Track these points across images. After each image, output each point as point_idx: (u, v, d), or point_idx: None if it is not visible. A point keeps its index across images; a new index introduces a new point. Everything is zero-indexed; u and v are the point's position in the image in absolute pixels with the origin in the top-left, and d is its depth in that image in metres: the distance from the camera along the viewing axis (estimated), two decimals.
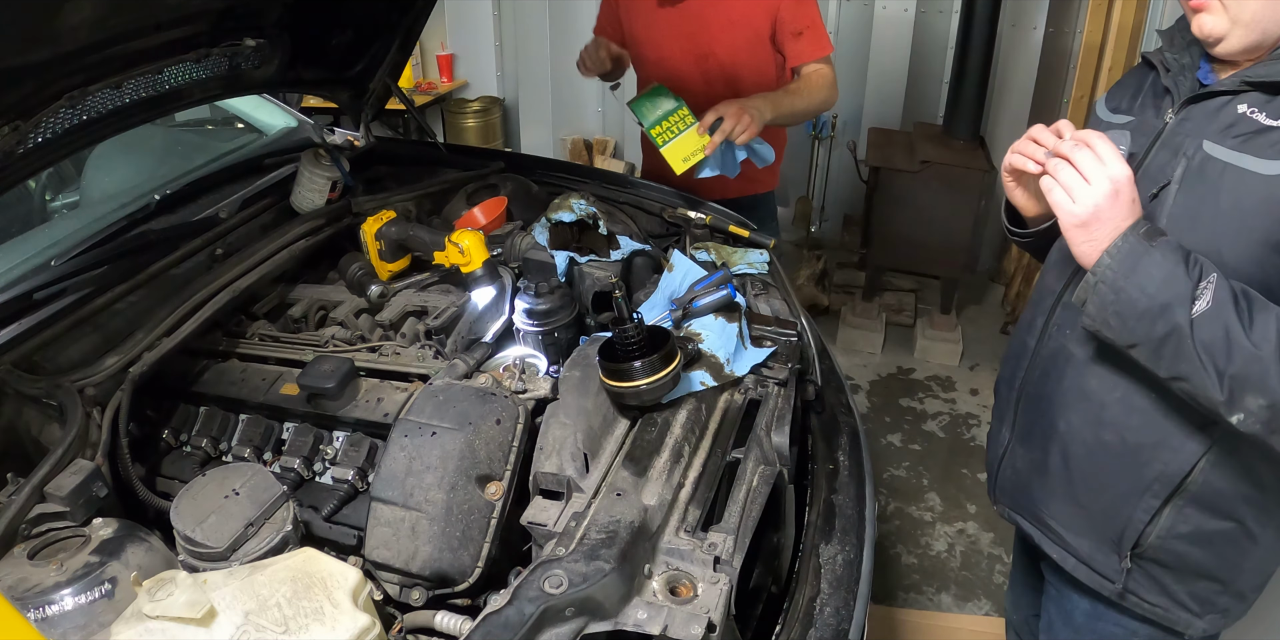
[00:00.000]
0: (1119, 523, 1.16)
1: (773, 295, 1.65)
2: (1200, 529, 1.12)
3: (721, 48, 2.11)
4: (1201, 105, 1.06)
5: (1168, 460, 1.10)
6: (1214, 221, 1.01)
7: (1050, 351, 1.22)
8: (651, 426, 1.23)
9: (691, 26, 2.10)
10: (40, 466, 1.09)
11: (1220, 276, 0.95)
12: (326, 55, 1.86)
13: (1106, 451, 1.16)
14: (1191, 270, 0.95)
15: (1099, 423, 1.15)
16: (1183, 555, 1.15)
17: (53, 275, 1.49)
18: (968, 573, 2.57)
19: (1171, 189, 1.05)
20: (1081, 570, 1.24)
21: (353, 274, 1.66)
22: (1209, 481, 1.09)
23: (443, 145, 2.22)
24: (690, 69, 2.13)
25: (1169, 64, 1.14)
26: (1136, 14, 3.18)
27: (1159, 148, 1.10)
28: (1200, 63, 1.12)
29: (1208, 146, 1.03)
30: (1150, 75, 1.19)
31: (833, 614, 1.13)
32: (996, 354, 3.57)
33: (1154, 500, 1.12)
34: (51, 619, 0.93)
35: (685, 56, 2.14)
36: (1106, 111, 1.23)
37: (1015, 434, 1.32)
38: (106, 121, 1.42)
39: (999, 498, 1.39)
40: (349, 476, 1.28)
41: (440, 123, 4.72)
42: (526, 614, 0.91)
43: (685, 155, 1.81)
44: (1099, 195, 0.96)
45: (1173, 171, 1.06)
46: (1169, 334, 0.95)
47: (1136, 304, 0.96)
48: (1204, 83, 1.10)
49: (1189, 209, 1.04)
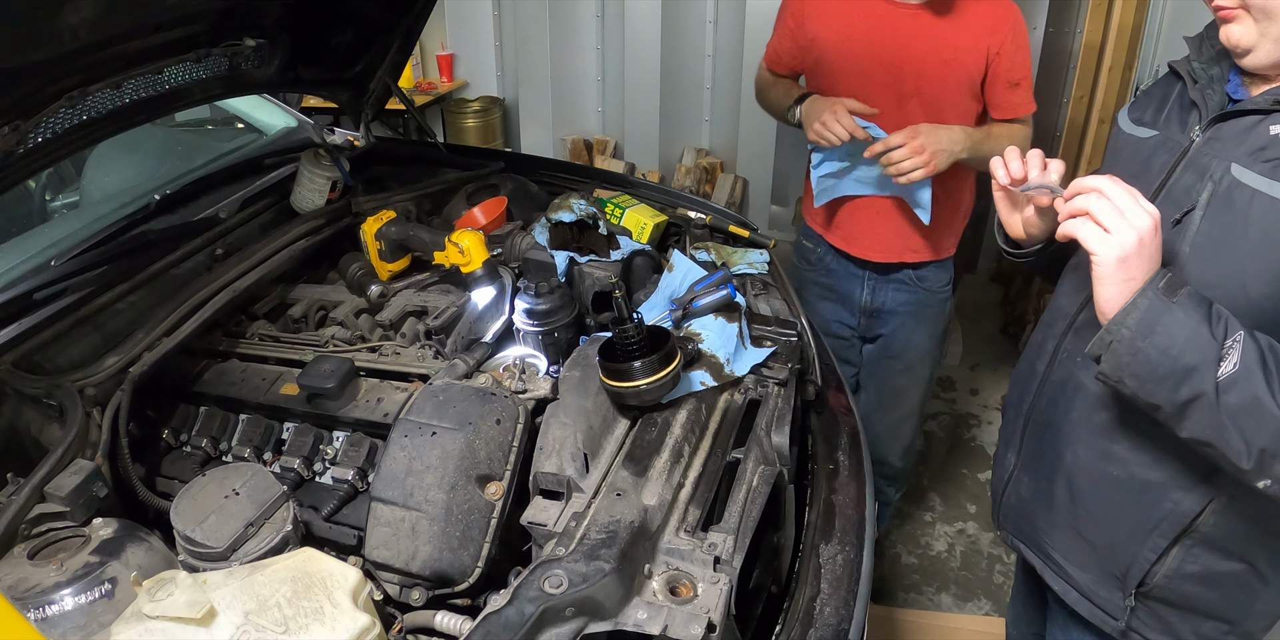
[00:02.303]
0: (1124, 560, 1.12)
1: (773, 295, 1.65)
2: (1209, 570, 1.07)
3: (929, 89, 1.81)
4: (1231, 124, 0.99)
5: (1178, 500, 1.05)
6: (1240, 252, 0.94)
7: (1059, 379, 1.16)
8: (651, 426, 1.23)
9: (898, 63, 1.80)
10: (40, 466, 1.09)
11: (1246, 334, 0.88)
12: (326, 55, 1.86)
13: (1114, 486, 1.10)
14: (1216, 328, 0.88)
15: (1107, 457, 1.10)
16: (1190, 595, 1.10)
17: (53, 275, 1.49)
18: (968, 573, 2.57)
19: (1196, 215, 0.98)
20: (1084, 605, 1.19)
21: (353, 274, 1.66)
22: (1220, 523, 1.04)
23: (443, 145, 2.22)
24: (888, 111, 1.77)
25: (1197, 75, 1.06)
26: (1136, 14, 3.18)
27: (1184, 168, 1.03)
28: (1230, 75, 1.04)
29: (1236, 171, 0.96)
30: (1177, 86, 1.10)
31: (833, 614, 1.13)
32: (996, 354, 3.58)
33: (1161, 540, 1.07)
34: (51, 619, 0.93)
35: (885, 96, 1.81)
36: (1130, 124, 1.16)
37: (1021, 461, 1.27)
38: (106, 121, 1.42)
39: (1002, 524, 1.35)
40: (349, 476, 1.28)
41: (440, 123, 4.72)
42: (526, 614, 0.91)
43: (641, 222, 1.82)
44: (1143, 226, 0.88)
45: (1198, 196, 0.98)
46: (1193, 400, 0.88)
47: (1157, 367, 0.89)
48: (1234, 97, 1.02)
49: (1213, 238, 0.97)
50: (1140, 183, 1.04)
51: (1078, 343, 1.12)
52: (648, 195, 1.96)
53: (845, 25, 1.83)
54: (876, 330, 2.14)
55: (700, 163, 4.37)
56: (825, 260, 2.10)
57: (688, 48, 4.20)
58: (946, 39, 1.78)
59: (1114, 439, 1.09)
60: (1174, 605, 1.12)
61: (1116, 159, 1.18)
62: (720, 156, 4.42)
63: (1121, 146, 1.17)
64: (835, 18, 1.84)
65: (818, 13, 1.86)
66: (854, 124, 1.68)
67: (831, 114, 1.69)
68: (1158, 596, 1.12)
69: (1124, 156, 1.15)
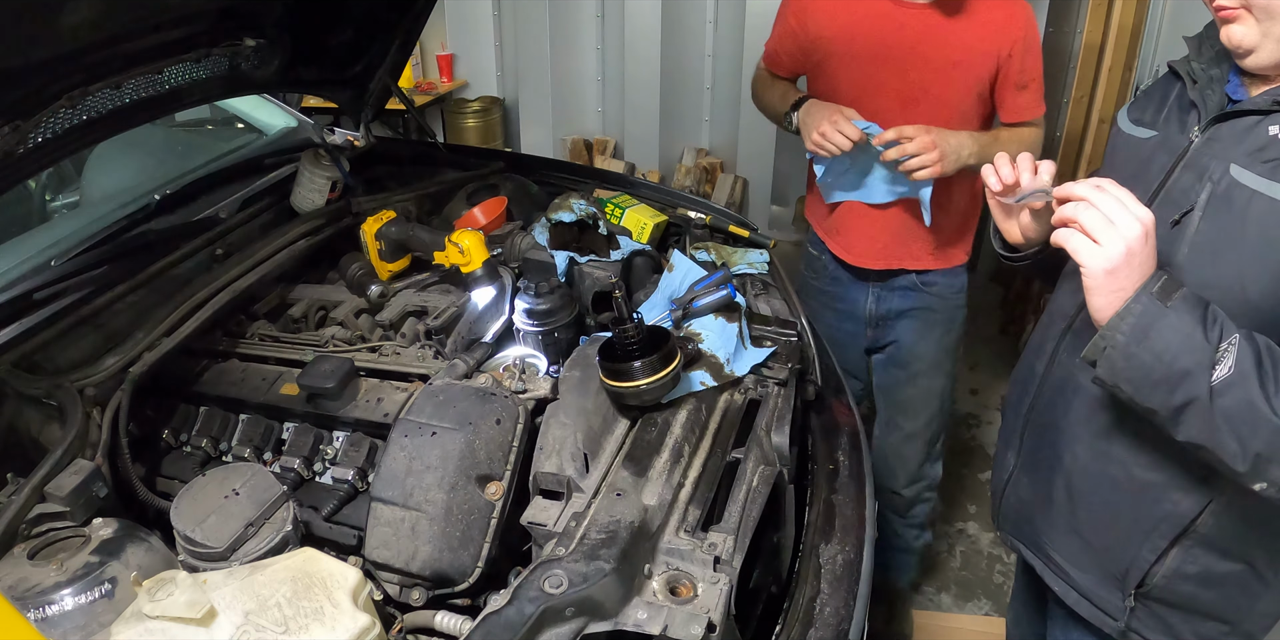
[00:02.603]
0: (1124, 560, 1.11)
1: (773, 295, 1.65)
2: (1209, 570, 1.07)
3: (936, 92, 1.74)
4: (1230, 124, 0.98)
5: (1177, 500, 1.04)
6: (1239, 253, 0.94)
7: (1059, 379, 1.16)
8: (651, 426, 1.23)
9: (904, 65, 1.73)
10: (40, 466, 1.09)
11: (1242, 338, 0.87)
12: (326, 55, 1.86)
13: (1113, 487, 1.10)
14: (1210, 331, 0.87)
15: (1106, 457, 1.10)
16: (1189, 596, 1.10)
17: (53, 275, 1.49)
18: (968, 573, 2.57)
19: (1194, 216, 0.98)
20: (1083, 605, 1.19)
21: (353, 274, 1.66)
22: (1220, 524, 1.04)
23: (443, 145, 2.22)
24: (893, 115, 1.69)
25: (1196, 75, 1.05)
26: (1136, 14, 3.18)
27: (1183, 169, 1.02)
28: (1230, 76, 1.03)
29: (1235, 171, 0.95)
30: (1176, 86, 1.10)
31: (833, 614, 1.13)
32: (997, 354, 3.57)
33: (1161, 540, 1.07)
34: (51, 619, 0.93)
35: (890, 99, 1.74)
36: (1129, 124, 1.15)
37: (1020, 461, 1.27)
38: (106, 121, 1.42)
39: (1002, 524, 1.35)
40: (349, 476, 1.28)
41: (440, 123, 4.72)
42: (526, 614, 0.91)
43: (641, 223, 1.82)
44: (1131, 236, 0.87)
45: (1196, 196, 0.98)
46: (1187, 404, 0.88)
47: (1151, 372, 0.89)
48: (1234, 98, 1.02)
49: (1212, 239, 0.96)
50: (1139, 183, 1.04)
51: (1077, 344, 1.11)
52: (648, 195, 1.95)
53: (849, 25, 1.75)
54: (884, 339, 2.06)
55: (700, 163, 4.37)
56: (829, 268, 2.03)
57: (688, 48, 4.21)
58: (955, 40, 1.70)
59: (1113, 440, 1.09)
60: (1174, 606, 1.12)
61: (1115, 159, 1.18)
62: (720, 156, 4.42)
63: (1121, 147, 1.17)
64: (839, 17, 1.77)
65: (820, 12, 1.79)
66: (856, 132, 1.62)
67: (831, 122, 1.63)
68: (1157, 597, 1.11)
69: (1123, 157, 1.15)
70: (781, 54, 1.93)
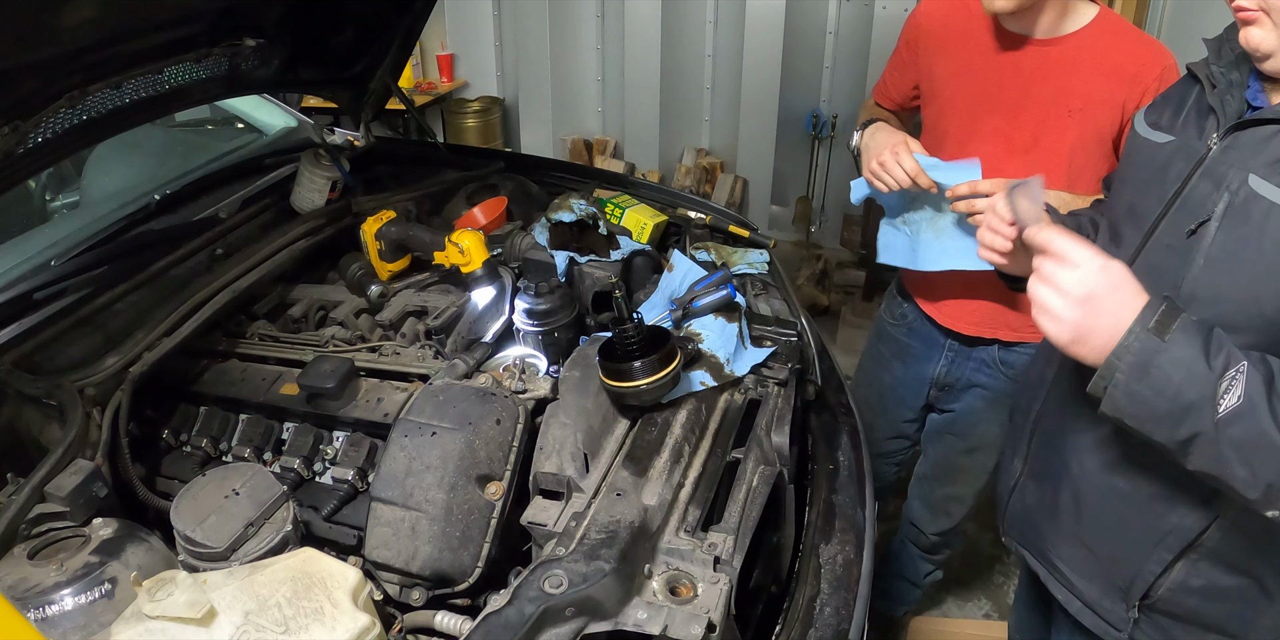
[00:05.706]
0: (1128, 572, 1.10)
1: (773, 295, 1.65)
2: (1214, 584, 1.05)
3: (1049, 143, 1.51)
4: (1250, 132, 0.95)
5: (1184, 514, 1.03)
6: (1255, 266, 0.91)
7: (1068, 388, 1.14)
8: (651, 426, 1.23)
9: (1014, 108, 1.53)
10: (40, 466, 1.09)
11: (1250, 364, 0.85)
12: (326, 55, 1.86)
13: (1120, 498, 1.09)
14: (1215, 360, 0.85)
15: (1113, 468, 1.09)
16: (1194, 609, 1.08)
17: (53, 275, 1.49)
18: (968, 573, 2.56)
19: (1211, 226, 0.94)
20: (1086, 615, 1.18)
21: (353, 274, 1.66)
22: (1226, 539, 1.02)
23: (443, 145, 2.22)
24: (999, 161, 1.49)
25: (1215, 79, 1.02)
26: (1136, 14, 3.18)
27: (1200, 176, 0.99)
28: (1250, 81, 0.99)
29: (1253, 182, 0.91)
30: (1195, 89, 1.07)
31: (833, 614, 1.13)
32: None
33: (1167, 553, 1.05)
34: (51, 619, 0.93)
35: (994, 146, 1.54)
36: (1146, 128, 1.11)
37: (1027, 468, 1.26)
38: (106, 121, 1.42)
39: (1007, 530, 1.34)
40: (349, 476, 1.28)
41: (440, 123, 4.72)
42: (526, 614, 0.91)
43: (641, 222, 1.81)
44: (1074, 312, 0.88)
45: (1214, 206, 0.95)
46: (1193, 437, 0.87)
47: (1155, 408, 0.87)
48: (1254, 104, 0.98)
49: (1228, 251, 0.93)
50: (1156, 190, 1.03)
51: None
52: (648, 195, 1.96)
53: (962, 59, 1.56)
54: (947, 404, 1.89)
55: (700, 163, 4.38)
56: (909, 318, 1.84)
57: (688, 48, 4.21)
58: (1077, 84, 1.46)
59: (1121, 452, 1.08)
60: (1178, 618, 1.11)
61: (1132, 163, 1.15)
62: (720, 156, 4.42)
63: (1138, 150, 1.14)
64: (952, 49, 1.58)
65: (933, 43, 1.61)
66: (917, 168, 1.39)
67: (893, 153, 1.42)
68: (1161, 609, 1.10)
69: (1140, 161, 1.12)
70: (889, 84, 1.77)
